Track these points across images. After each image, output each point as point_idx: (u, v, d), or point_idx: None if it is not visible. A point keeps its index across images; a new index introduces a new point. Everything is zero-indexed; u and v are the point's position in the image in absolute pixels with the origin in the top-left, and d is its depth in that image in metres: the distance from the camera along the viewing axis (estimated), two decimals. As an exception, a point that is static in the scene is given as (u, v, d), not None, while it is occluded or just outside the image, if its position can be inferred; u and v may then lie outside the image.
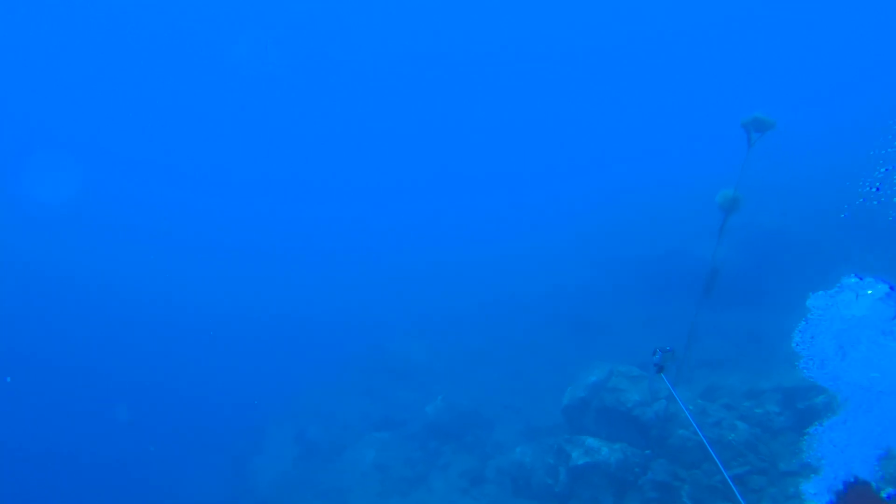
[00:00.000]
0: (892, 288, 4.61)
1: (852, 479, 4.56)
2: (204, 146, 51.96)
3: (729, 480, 6.07)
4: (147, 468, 18.85)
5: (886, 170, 5.87)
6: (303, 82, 52.27)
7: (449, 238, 33.37)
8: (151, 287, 30.62)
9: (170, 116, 52.35)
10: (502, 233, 33.46)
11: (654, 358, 7.00)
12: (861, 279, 4.72)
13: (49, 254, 35.12)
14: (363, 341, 23.86)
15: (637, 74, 54.37)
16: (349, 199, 45.55)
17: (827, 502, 4.66)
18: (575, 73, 53.87)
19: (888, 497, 4.42)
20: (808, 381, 4.99)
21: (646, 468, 12.53)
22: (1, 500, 17.60)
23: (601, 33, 53.31)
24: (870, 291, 4.63)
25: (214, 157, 51.34)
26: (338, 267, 31.21)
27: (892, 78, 38.73)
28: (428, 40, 50.54)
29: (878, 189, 5.85)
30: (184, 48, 47.55)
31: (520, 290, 26.06)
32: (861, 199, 6.04)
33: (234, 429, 20.04)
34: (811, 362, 4.87)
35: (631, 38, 54.24)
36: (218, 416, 19.66)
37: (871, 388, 4.64)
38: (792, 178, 25.22)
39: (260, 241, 37.25)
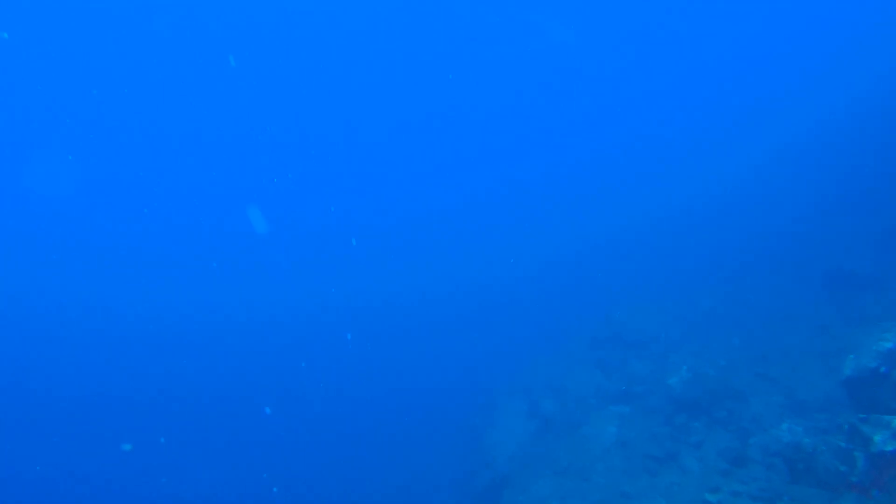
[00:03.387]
0: None
1: None
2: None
3: None
4: (388, 445, 19.31)
5: None
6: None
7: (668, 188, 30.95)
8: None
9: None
10: (725, 170, 30.37)
11: None
12: None
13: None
14: (588, 310, 22.78)
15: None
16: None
17: None
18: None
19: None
20: None
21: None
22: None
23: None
24: None
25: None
26: (558, 234, 30.24)
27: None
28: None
29: None
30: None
31: (753, 239, 23.46)
32: None
33: (466, 403, 19.95)
34: None
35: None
36: (449, 390, 19.65)
37: None
38: None
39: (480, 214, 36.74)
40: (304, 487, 18.70)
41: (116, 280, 38.45)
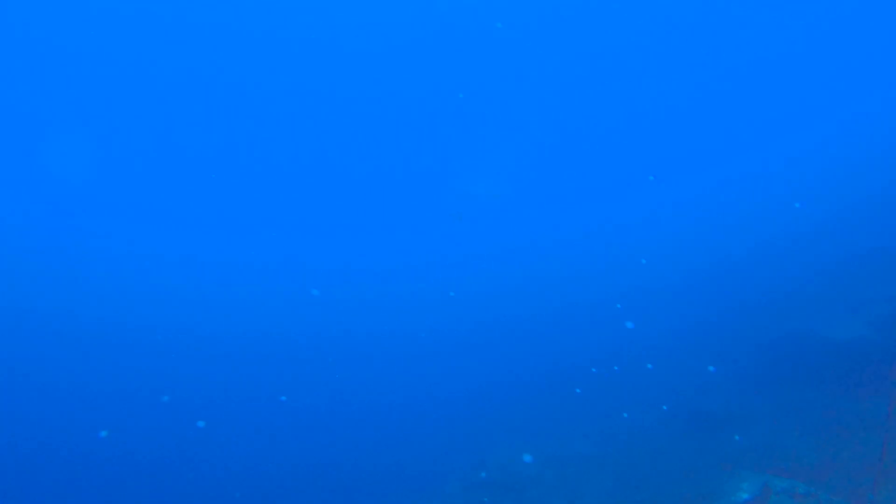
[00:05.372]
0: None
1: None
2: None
3: None
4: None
5: None
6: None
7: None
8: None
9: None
10: (596, 315, 31.57)
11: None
12: None
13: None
14: (462, 452, 22.19)
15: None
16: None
17: None
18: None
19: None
20: None
21: None
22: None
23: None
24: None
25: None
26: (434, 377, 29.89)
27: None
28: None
29: None
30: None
31: (618, 379, 24.19)
32: None
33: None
34: None
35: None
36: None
37: None
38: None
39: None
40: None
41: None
